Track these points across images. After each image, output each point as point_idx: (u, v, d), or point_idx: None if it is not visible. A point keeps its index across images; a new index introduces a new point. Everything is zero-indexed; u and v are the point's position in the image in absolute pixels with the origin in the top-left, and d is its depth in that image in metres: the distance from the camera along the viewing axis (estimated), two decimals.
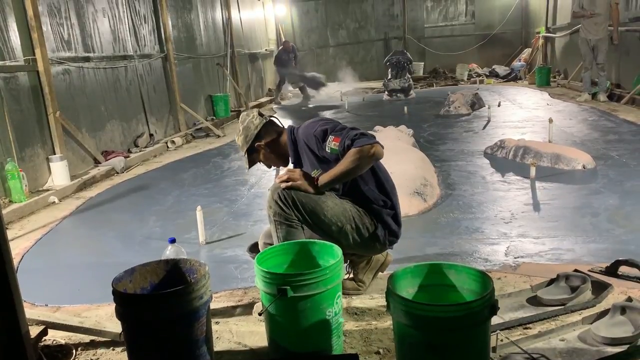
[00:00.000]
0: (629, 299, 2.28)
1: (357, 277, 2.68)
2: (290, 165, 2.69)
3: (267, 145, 2.61)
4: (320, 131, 2.43)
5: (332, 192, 2.50)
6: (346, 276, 2.67)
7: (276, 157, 2.67)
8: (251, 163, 2.69)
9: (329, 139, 2.38)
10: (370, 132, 2.41)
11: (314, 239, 2.38)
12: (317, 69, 15.17)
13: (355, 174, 2.39)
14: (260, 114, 2.65)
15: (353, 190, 2.50)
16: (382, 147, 2.35)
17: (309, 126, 2.52)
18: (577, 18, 8.95)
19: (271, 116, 2.68)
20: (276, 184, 2.41)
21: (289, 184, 2.36)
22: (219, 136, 8.29)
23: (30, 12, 5.12)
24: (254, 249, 2.72)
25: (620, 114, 7.44)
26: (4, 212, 3.83)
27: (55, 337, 2.39)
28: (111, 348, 2.30)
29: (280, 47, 13.14)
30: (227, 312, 2.57)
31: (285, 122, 2.73)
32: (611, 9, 8.25)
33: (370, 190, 2.51)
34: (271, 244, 2.45)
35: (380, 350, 2.14)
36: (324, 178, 2.38)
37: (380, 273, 2.75)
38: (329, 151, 2.38)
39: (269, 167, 2.77)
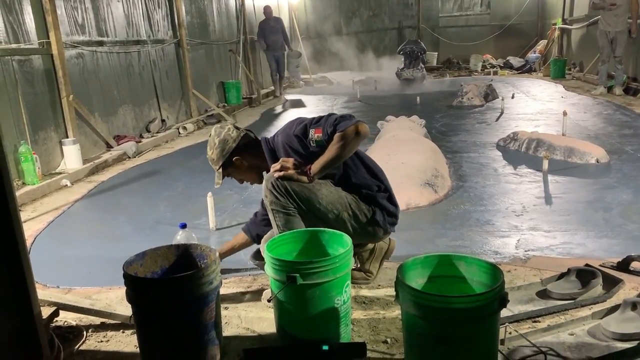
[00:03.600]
0: None
1: (364, 268, 2.68)
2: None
3: (245, 159, 2.54)
4: (299, 129, 2.41)
5: (327, 180, 2.50)
6: (354, 266, 2.67)
7: (252, 171, 2.60)
8: (224, 177, 2.60)
9: (310, 132, 2.37)
10: (351, 114, 2.40)
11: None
12: (330, 56, 15.11)
13: (346, 157, 2.38)
14: (236, 127, 2.59)
15: (344, 182, 2.50)
16: (366, 123, 2.34)
17: (286, 130, 2.49)
18: (596, 9, 8.81)
19: (247, 129, 2.62)
20: (270, 173, 2.41)
21: (282, 173, 2.35)
22: None
23: None
24: (257, 256, 2.71)
25: (636, 109, 7.34)
26: (17, 194, 3.88)
27: (66, 318, 2.42)
28: (121, 331, 2.33)
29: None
30: (236, 298, 2.59)
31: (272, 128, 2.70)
32: (631, 1, 8.12)
33: (362, 178, 2.51)
34: None
35: (388, 340, 2.14)
36: (315, 166, 2.37)
37: (386, 261, 2.74)
38: (314, 144, 2.37)
39: (241, 182, 2.68)
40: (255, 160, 2.57)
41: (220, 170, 2.55)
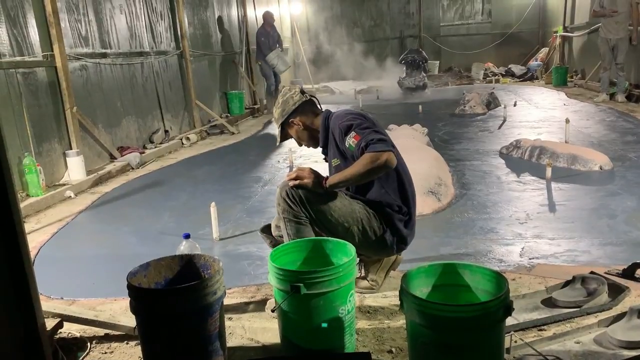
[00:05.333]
0: None
1: (370, 276, 2.67)
2: (319, 150, 2.72)
3: (302, 123, 2.63)
4: (345, 125, 2.43)
5: (343, 191, 2.50)
6: (359, 275, 2.66)
7: (308, 136, 2.67)
8: (283, 137, 2.71)
9: (351, 134, 2.38)
10: (386, 136, 2.39)
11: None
12: (332, 66, 15.15)
13: (365, 180, 2.40)
14: (302, 92, 2.66)
15: (366, 191, 2.50)
16: (396, 155, 2.34)
17: (339, 116, 2.53)
18: (597, 17, 8.83)
19: (312, 96, 2.69)
20: (285, 182, 2.42)
21: (297, 182, 2.37)
22: (233, 133, 8.32)
23: (49, 8, 5.17)
24: (266, 229, 2.76)
25: (638, 115, 7.33)
26: (21, 205, 3.89)
27: (70, 330, 2.42)
28: (125, 342, 2.32)
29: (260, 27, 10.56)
30: (240, 308, 2.58)
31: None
32: (632, 8, 8.14)
33: (387, 194, 2.49)
34: None
35: (393, 349, 2.13)
36: (332, 179, 2.38)
37: (392, 272, 2.74)
38: (347, 146, 2.40)
39: (300, 145, 2.76)
40: (311, 126, 2.65)
41: (280, 129, 2.66)
